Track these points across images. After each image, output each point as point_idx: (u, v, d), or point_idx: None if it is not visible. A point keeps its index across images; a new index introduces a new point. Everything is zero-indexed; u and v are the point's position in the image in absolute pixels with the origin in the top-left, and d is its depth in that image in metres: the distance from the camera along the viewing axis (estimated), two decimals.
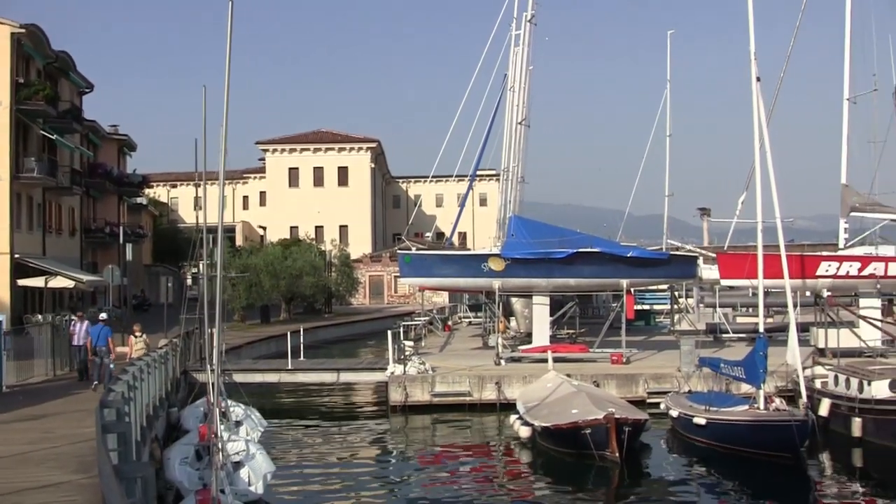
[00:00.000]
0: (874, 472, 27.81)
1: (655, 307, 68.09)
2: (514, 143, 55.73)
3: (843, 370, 32.34)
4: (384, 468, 29.49)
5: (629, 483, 25.86)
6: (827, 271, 40.50)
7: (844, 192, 45.67)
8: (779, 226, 31.31)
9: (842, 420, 30.42)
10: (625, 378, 37.37)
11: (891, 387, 29.81)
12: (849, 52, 46.38)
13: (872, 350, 39.56)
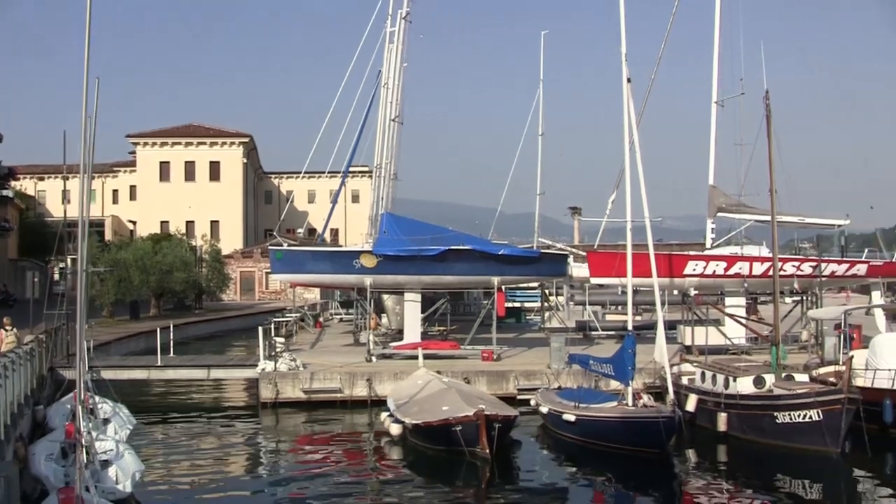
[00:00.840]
0: (738, 465, 28.46)
1: (526, 305, 68.67)
2: (387, 139, 55.64)
3: (709, 367, 33.02)
4: (255, 465, 29.23)
5: (500, 479, 25.99)
6: (694, 270, 41.35)
7: (712, 194, 46.62)
8: (647, 225, 31.78)
9: (708, 415, 31.05)
10: (495, 375, 37.61)
11: (755, 383, 30.53)
12: (717, 57, 47.36)
13: (737, 347, 40.48)
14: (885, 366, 30.99)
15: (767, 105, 34.86)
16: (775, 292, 34.76)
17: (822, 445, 27.46)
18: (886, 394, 29.49)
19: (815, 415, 27.62)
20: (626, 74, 32.10)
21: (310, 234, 74.87)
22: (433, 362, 38.11)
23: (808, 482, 26.02)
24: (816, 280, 42.96)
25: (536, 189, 68.19)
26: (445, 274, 42.97)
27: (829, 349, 36.14)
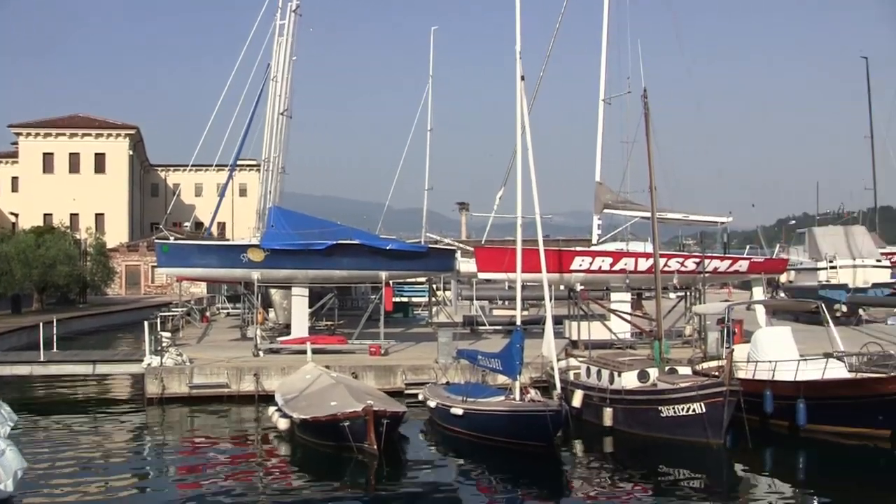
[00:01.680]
0: (623, 458, 28.82)
1: (414, 299, 68.81)
2: (275, 133, 55.31)
3: (595, 362, 33.42)
4: (140, 462, 28.76)
5: (388, 474, 25.96)
6: (580, 266, 41.82)
7: (598, 190, 47.16)
8: (537, 221, 32.03)
9: (594, 410, 31.40)
10: (383, 370, 37.65)
11: (639, 377, 30.99)
12: (605, 55, 47.93)
13: (622, 342, 41.03)
14: (765, 359, 31.69)
15: (646, 103, 35.37)
16: (658, 288, 35.25)
17: (705, 437, 27.97)
18: (767, 385, 30.13)
19: (698, 408, 28.12)
20: (519, 72, 32.25)
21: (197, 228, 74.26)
22: (321, 357, 37.98)
23: (691, 473, 26.50)
24: (699, 276, 43.72)
25: (425, 184, 68.38)
26: (333, 268, 42.84)
27: (711, 343, 36.89)
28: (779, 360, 31.09)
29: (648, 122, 35.13)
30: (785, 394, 29.68)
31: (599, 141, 47.94)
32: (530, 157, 31.71)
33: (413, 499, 23.99)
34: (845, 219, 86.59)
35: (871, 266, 62.95)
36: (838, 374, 30.85)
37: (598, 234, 47.95)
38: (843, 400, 29.18)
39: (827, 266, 62.75)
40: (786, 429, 29.87)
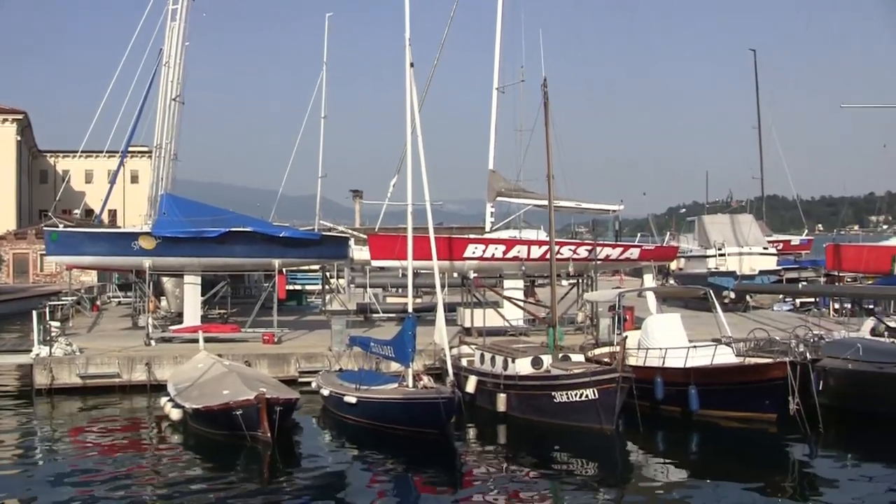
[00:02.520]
0: (517, 444, 29.02)
1: (307, 287, 68.43)
2: (167, 119, 54.47)
3: (489, 349, 33.61)
4: (29, 455, 28.12)
5: (281, 463, 25.85)
6: (474, 253, 41.97)
7: (491, 178, 47.39)
8: (428, 209, 32.05)
9: (487, 396, 31.61)
10: (276, 358, 37.46)
11: (533, 364, 31.25)
12: (499, 44, 48.16)
13: (515, 329, 41.28)
14: (655, 345, 32.17)
15: (545, 92, 35.63)
16: (552, 275, 35.56)
17: (597, 423, 28.34)
18: (657, 372, 30.63)
19: (590, 394, 28.46)
20: (409, 59, 32.26)
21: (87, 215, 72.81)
22: (214, 346, 37.63)
23: (584, 459, 26.90)
24: (592, 263, 44.15)
25: (318, 172, 67.96)
26: (226, 256, 42.45)
27: (603, 330, 37.33)
28: (669, 346, 31.61)
29: (548, 110, 35.41)
30: (675, 380, 30.22)
31: (493, 129, 48.21)
32: (420, 145, 31.73)
33: (307, 487, 23.91)
34: (733, 207, 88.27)
35: (758, 254, 64.30)
36: (727, 359, 31.48)
37: (490, 222, 48.20)
38: (731, 385, 29.78)
39: (716, 254, 63.88)
40: (677, 414, 30.41)
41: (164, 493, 23.34)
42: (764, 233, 75.68)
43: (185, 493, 23.23)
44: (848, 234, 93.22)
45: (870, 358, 31.11)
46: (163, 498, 22.94)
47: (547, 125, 35.19)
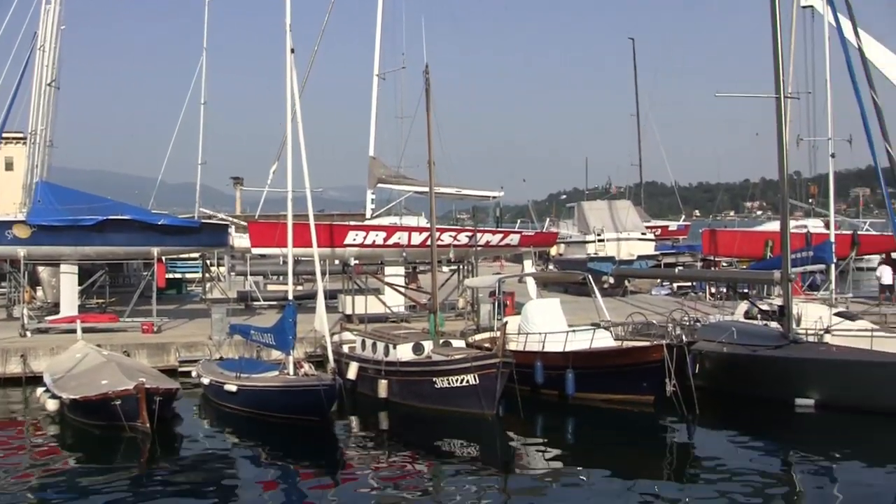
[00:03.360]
0: (399, 430, 29.21)
1: (188, 276, 67.63)
2: (42, 105, 53.29)
3: (370, 335, 33.64)
4: None
5: (161, 453, 25.54)
6: (354, 240, 41.94)
7: (372, 165, 47.38)
8: (308, 195, 31.92)
9: (369, 383, 31.67)
10: (156, 347, 36.98)
11: (414, 350, 31.37)
12: (380, 31, 48.15)
13: (397, 315, 41.34)
14: (535, 330, 32.57)
15: (427, 79, 35.68)
16: (433, 261, 35.70)
17: (478, 408, 28.52)
18: (537, 356, 30.96)
19: (471, 379, 28.64)
20: (289, 45, 32.03)
21: None
22: (92, 336, 36.99)
23: (465, 443, 27.17)
24: (472, 249, 44.40)
25: (198, 158, 67.12)
26: (103, 245, 41.70)
27: (484, 316, 37.58)
28: (548, 331, 31.99)
29: (429, 97, 35.42)
30: (555, 364, 30.57)
31: (373, 116, 48.23)
32: (300, 131, 31.59)
33: (187, 477, 23.68)
34: (612, 194, 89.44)
35: (636, 239, 65.16)
36: (605, 343, 31.98)
37: (371, 209, 48.19)
38: (609, 368, 30.26)
39: (595, 239, 64.62)
40: (556, 398, 30.74)
41: (39, 485, 22.92)
42: (642, 218, 76.71)
43: (61, 486, 22.88)
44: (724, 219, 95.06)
45: (743, 341, 31.96)
46: (37, 490, 22.53)
47: (428, 112, 35.25)
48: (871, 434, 27.39)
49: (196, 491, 22.51)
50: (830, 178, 46.69)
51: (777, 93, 33.60)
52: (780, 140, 33.73)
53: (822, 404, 29.35)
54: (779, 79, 33.63)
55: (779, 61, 33.67)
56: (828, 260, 44.12)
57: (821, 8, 45.62)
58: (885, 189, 36.15)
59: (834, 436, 27.54)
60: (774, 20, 33.63)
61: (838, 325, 33.66)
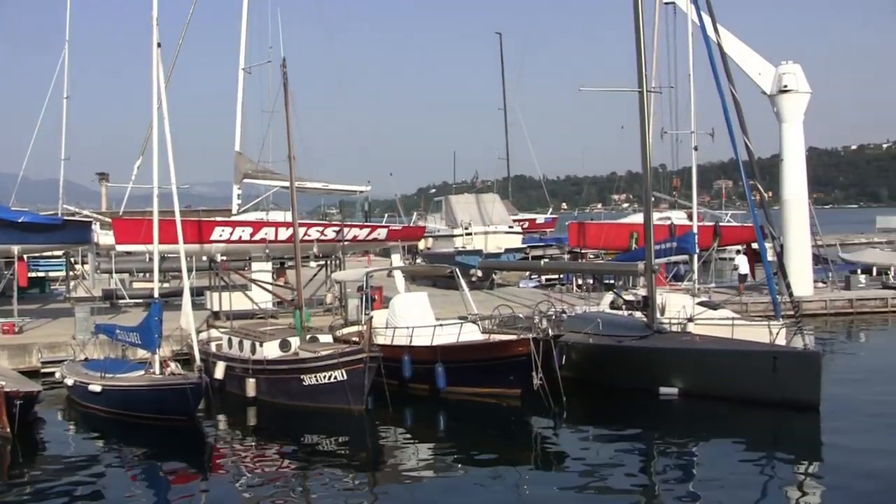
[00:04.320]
0: (268, 428, 29.07)
1: (51, 274, 66.28)
2: None
3: (237, 332, 33.43)
4: None
5: (24, 458, 25.06)
6: (221, 236, 41.53)
7: (237, 160, 47.04)
8: (174, 191, 31.54)
9: (236, 381, 31.49)
10: (17, 348, 36.17)
11: (281, 347, 31.25)
12: (245, 24, 47.84)
13: (264, 312, 41.11)
14: (403, 324, 32.71)
15: (285, 73, 35.54)
16: (297, 257, 35.59)
17: (347, 404, 28.60)
18: (405, 350, 31.15)
19: (339, 375, 28.68)
20: (156, 39, 31.56)
21: None
22: None
23: (334, 440, 27.16)
24: (340, 244, 44.36)
25: (61, 154, 65.72)
26: None
27: (352, 310, 37.62)
28: (416, 325, 32.16)
29: (287, 91, 35.31)
30: (423, 358, 30.80)
31: (239, 110, 47.98)
32: (166, 126, 31.20)
33: (50, 482, 23.20)
34: (478, 187, 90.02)
35: (504, 232, 65.66)
36: (472, 337, 32.26)
37: (237, 204, 47.86)
38: (477, 362, 30.54)
39: (462, 233, 64.95)
40: (425, 392, 31.03)
41: None
42: (510, 212, 77.40)
43: None
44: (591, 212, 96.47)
45: (609, 332, 32.53)
46: None
47: (287, 106, 35.15)
48: (731, 420, 28.21)
49: (61, 496, 22.03)
50: (693, 170, 47.78)
51: (640, 87, 34.26)
52: (644, 134, 34.40)
53: (686, 392, 30.16)
54: (641, 74, 34.29)
55: (641, 57, 34.34)
56: (690, 251, 45.24)
57: (682, 4, 46.61)
58: (746, 181, 36.93)
59: (696, 422, 28.39)
60: (637, 16, 34.30)
61: (701, 315, 34.55)
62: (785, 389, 27.98)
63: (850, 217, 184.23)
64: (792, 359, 28.85)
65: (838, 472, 22.38)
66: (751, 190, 37.47)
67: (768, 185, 57.15)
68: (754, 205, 36.95)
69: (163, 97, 31.62)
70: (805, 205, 50.76)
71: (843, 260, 66.56)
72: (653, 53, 49.97)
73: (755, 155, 37.16)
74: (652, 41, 50.36)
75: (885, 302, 50.33)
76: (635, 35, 34.25)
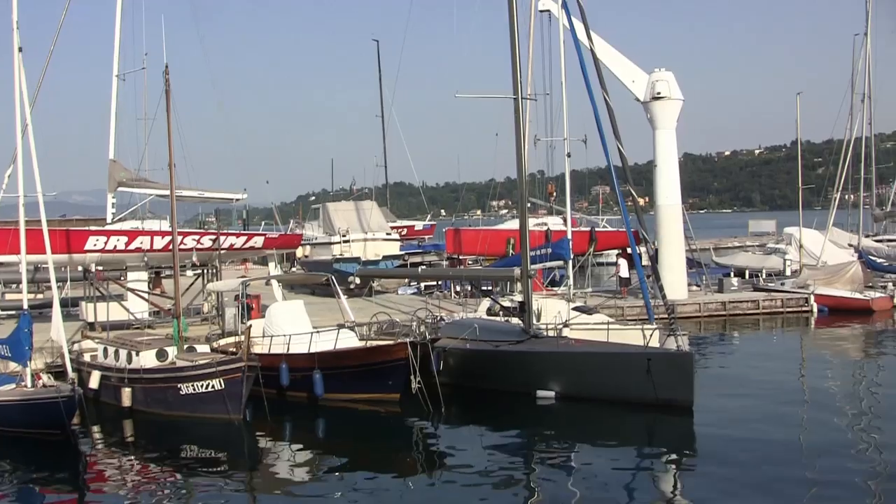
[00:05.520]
0: (145, 439, 28.61)
1: None
2: None
3: (112, 343, 32.91)
4: None
5: None
6: (95, 246, 40.77)
7: (112, 168, 46.26)
8: (40, 200, 30.71)
9: (112, 391, 31.02)
10: None
11: (158, 356, 30.88)
12: (119, 30, 47.13)
13: (141, 322, 40.54)
14: (280, 332, 32.61)
15: (167, 80, 35.09)
16: (175, 266, 35.16)
17: (225, 413, 28.42)
18: (282, 359, 31.02)
19: (217, 384, 28.43)
20: (16, 44, 30.79)
21: None
22: None
23: (213, 450, 26.96)
24: (216, 253, 43.91)
25: None
26: None
27: (229, 320, 37.26)
28: (293, 333, 32.07)
29: (169, 98, 34.84)
30: (301, 366, 30.72)
31: (113, 118, 47.19)
32: (31, 134, 30.54)
33: None
34: (355, 195, 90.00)
35: (382, 239, 65.66)
36: (350, 343, 32.23)
37: (112, 213, 47.07)
38: (355, 368, 30.55)
39: (340, 240, 64.77)
40: (304, 399, 30.94)
41: None
42: (388, 219, 77.48)
43: None
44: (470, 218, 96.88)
45: (485, 337, 32.81)
46: None
47: (168, 113, 34.70)
48: (607, 422, 28.74)
49: None
50: (566, 176, 48.21)
51: (515, 94, 34.57)
52: (518, 140, 34.73)
53: (562, 395, 30.55)
54: (516, 80, 34.62)
55: (516, 63, 34.67)
56: (565, 256, 45.73)
57: (557, 11, 47.14)
58: (618, 187, 37.57)
59: (573, 424, 28.85)
60: (512, 23, 34.63)
61: (576, 319, 34.99)
62: (659, 390, 28.55)
63: (724, 221, 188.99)
64: (665, 360, 29.40)
65: (707, 466, 23.09)
66: (624, 195, 38.08)
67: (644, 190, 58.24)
68: (627, 210, 37.56)
69: (26, 104, 30.83)
70: (679, 210, 51.81)
71: (717, 263, 68.09)
72: (528, 60, 50.50)
73: (629, 161, 37.81)
74: (527, 48, 50.90)
75: (756, 304, 51.57)
76: (510, 42, 34.60)
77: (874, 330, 47.33)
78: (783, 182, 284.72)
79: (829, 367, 37.91)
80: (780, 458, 23.22)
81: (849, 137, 66.93)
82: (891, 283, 55.29)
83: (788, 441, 25.20)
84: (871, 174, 76.22)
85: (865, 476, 21.69)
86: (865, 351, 42.80)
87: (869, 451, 24.32)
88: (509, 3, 34.76)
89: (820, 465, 22.86)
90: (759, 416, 27.92)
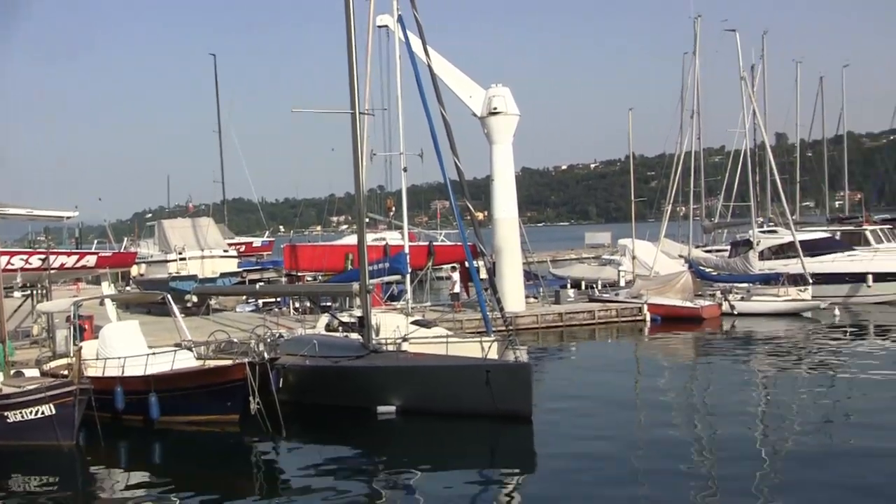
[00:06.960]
0: None
1: None
2: None
3: None
4: None
5: None
6: None
7: None
8: None
9: None
10: None
11: None
12: None
13: None
14: (114, 354, 31.72)
15: None
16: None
17: (55, 440, 27.34)
18: (117, 381, 30.16)
19: (47, 409, 27.40)
20: None
21: None
22: None
23: (44, 478, 25.87)
24: (46, 272, 42.62)
25: None
26: None
27: (60, 342, 36.07)
28: (128, 354, 31.23)
29: None
30: (136, 388, 29.93)
31: None
32: None
33: None
34: (191, 211, 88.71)
35: (219, 256, 64.91)
36: (187, 364, 31.52)
37: None
38: (192, 389, 29.88)
39: (176, 258, 63.76)
40: (139, 423, 30.09)
41: None
42: (225, 235, 76.64)
43: None
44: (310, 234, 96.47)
45: (325, 353, 32.67)
46: None
47: None
48: (448, 434, 28.72)
49: None
50: (403, 191, 48.15)
51: (352, 109, 34.33)
52: (356, 155, 34.53)
53: (403, 409, 30.42)
54: (354, 95, 34.38)
55: (354, 78, 34.42)
56: (402, 270, 45.73)
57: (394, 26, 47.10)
58: (454, 201, 37.69)
59: (414, 439, 28.84)
60: (350, 38, 34.34)
61: (415, 333, 34.95)
62: (499, 401, 28.67)
63: (562, 234, 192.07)
64: (503, 371, 29.58)
65: (546, 474, 23.66)
66: (461, 210, 38.20)
67: (483, 204, 58.63)
68: (463, 224, 37.70)
69: None
70: (516, 223, 52.30)
71: (554, 275, 69.14)
72: (366, 75, 50.30)
73: (467, 175, 37.94)
74: (365, 63, 50.71)
75: (592, 314, 52.34)
76: (348, 57, 34.32)
77: (704, 337, 48.65)
78: (618, 195, 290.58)
79: (662, 373, 38.83)
80: (615, 465, 23.69)
81: (679, 152, 68.76)
82: (719, 291, 56.77)
83: (627, 444, 25.85)
84: (700, 187, 78.44)
85: (696, 470, 22.62)
86: (695, 356, 44.05)
87: (702, 448, 25.33)
88: (347, 18, 34.49)
89: (655, 465, 23.47)
90: (596, 423, 28.44)
